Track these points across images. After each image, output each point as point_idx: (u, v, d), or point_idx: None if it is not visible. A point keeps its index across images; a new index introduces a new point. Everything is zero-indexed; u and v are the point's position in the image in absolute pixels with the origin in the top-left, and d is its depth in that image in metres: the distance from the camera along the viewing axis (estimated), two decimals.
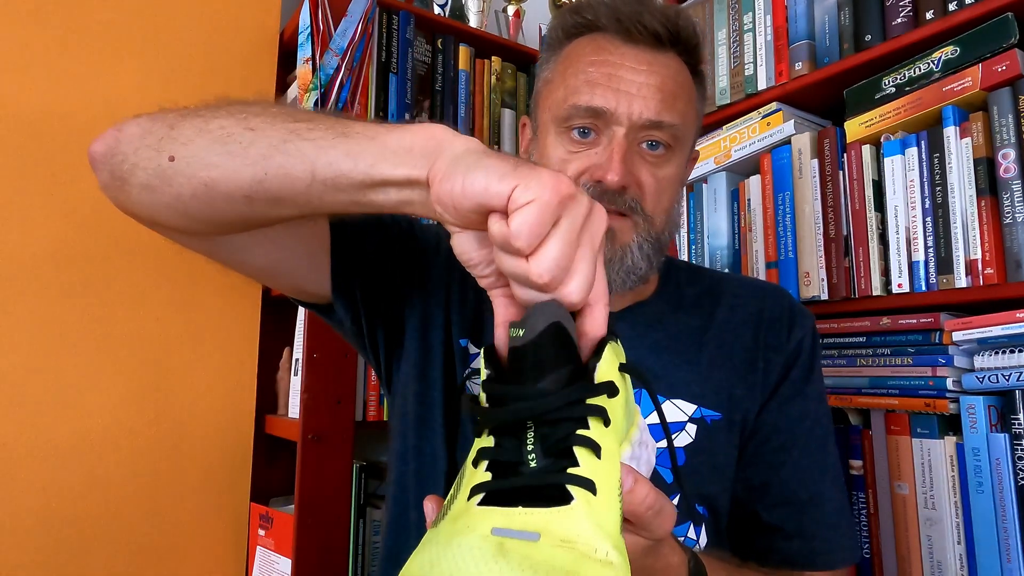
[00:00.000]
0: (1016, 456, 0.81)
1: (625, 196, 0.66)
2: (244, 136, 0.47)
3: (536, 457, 0.38)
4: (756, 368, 0.71)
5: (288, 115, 0.48)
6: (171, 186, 0.49)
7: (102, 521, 1.13)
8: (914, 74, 0.95)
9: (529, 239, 0.37)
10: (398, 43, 1.35)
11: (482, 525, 0.36)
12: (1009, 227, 0.84)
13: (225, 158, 0.47)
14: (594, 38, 0.69)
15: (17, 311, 1.09)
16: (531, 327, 0.40)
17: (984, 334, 0.85)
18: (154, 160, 0.50)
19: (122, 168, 0.52)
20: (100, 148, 0.54)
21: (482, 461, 0.40)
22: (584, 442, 0.38)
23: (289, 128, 0.47)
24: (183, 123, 0.50)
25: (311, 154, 0.45)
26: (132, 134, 0.52)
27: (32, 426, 1.09)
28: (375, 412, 1.29)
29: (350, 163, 0.44)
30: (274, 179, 0.46)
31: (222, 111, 0.50)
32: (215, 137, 0.48)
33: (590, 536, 0.35)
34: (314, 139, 0.46)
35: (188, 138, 0.49)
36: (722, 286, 0.77)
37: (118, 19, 1.21)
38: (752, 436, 0.70)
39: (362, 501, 1.23)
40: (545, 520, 0.35)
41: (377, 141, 0.44)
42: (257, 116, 0.48)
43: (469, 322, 0.71)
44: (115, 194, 0.55)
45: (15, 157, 1.11)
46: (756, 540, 0.70)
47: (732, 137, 1.17)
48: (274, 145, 0.46)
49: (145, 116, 0.53)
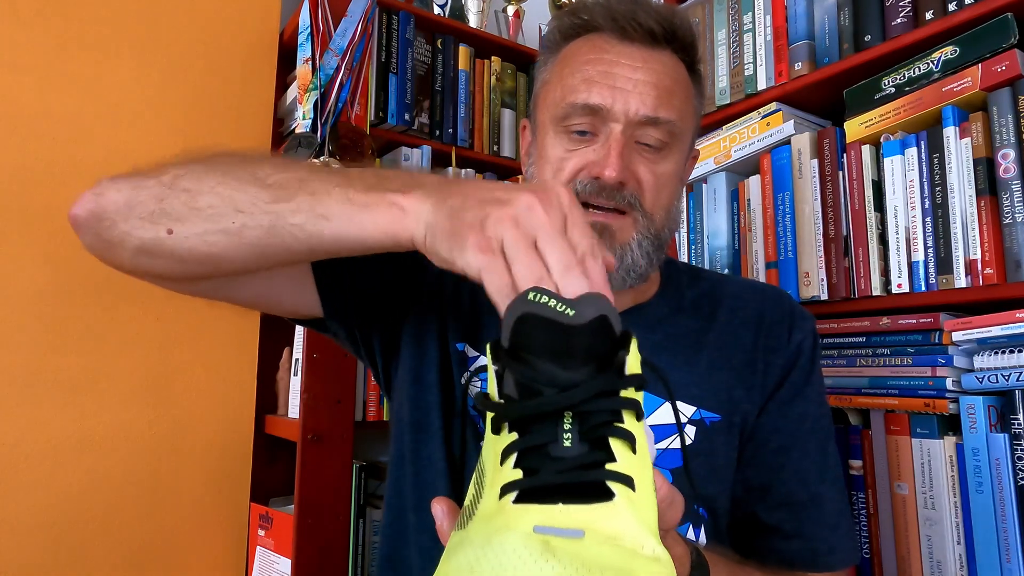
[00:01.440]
0: (1016, 456, 0.81)
1: (624, 192, 0.66)
2: (236, 219, 0.51)
3: (573, 443, 0.37)
4: (756, 370, 0.71)
5: (266, 188, 0.52)
6: (172, 253, 0.54)
7: (102, 521, 1.13)
8: (914, 74, 0.95)
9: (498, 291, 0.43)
10: (398, 43, 1.36)
11: (522, 523, 0.34)
12: (1009, 227, 0.84)
13: (223, 236, 0.52)
14: (590, 38, 0.70)
15: (17, 311, 1.09)
16: (580, 313, 0.40)
17: (984, 334, 0.84)
18: (150, 231, 0.53)
19: (111, 234, 0.55)
20: (82, 213, 0.56)
21: (509, 457, 0.38)
22: (621, 434, 0.38)
23: (273, 212, 0.51)
24: (170, 197, 0.53)
25: (303, 238, 0.51)
26: (116, 202, 0.55)
27: (32, 426, 1.09)
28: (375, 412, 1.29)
29: (340, 245, 0.51)
30: (274, 255, 0.53)
31: (204, 184, 0.53)
32: (206, 216, 0.52)
33: (636, 533, 0.34)
34: (300, 224, 0.50)
35: (180, 214, 0.53)
36: (722, 288, 0.77)
37: (118, 19, 1.21)
38: (752, 437, 0.70)
39: (362, 501, 1.23)
40: (588, 517, 0.34)
41: (355, 224, 0.49)
42: (239, 193, 0.52)
43: (465, 326, 0.71)
44: (103, 254, 0.58)
45: (14, 157, 1.11)
46: (756, 541, 0.70)
47: (732, 137, 1.17)
48: (265, 229, 0.51)
49: (123, 181, 0.56)
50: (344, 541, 1.19)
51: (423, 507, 0.68)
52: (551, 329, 0.40)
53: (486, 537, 0.34)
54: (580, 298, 0.41)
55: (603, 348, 0.40)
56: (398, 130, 1.36)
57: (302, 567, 1.13)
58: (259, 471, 1.31)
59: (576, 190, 0.67)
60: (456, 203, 0.47)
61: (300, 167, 0.54)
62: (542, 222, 0.45)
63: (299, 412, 1.16)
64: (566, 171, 0.68)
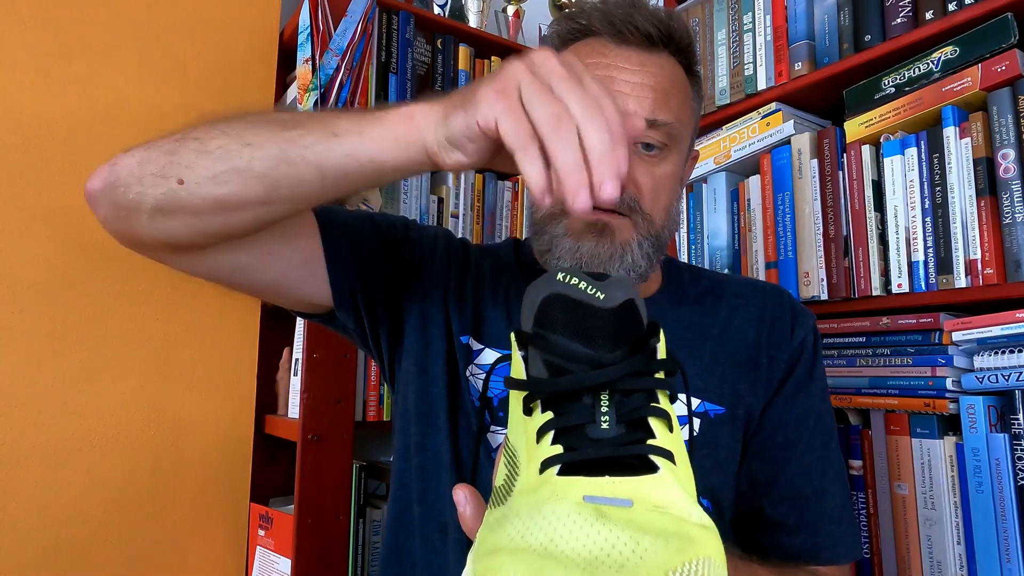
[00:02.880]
0: (1016, 456, 0.81)
1: (623, 195, 0.66)
2: (244, 152, 0.50)
3: (611, 424, 0.37)
4: (760, 365, 0.72)
5: (277, 123, 0.51)
6: (186, 207, 0.52)
7: (102, 521, 1.13)
8: (914, 74, 0.95)
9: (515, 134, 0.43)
10: (398, 43, 1.36)
11: (571, 493, 0.34)
12: (1009, 227, 0.84)
13: (233, 175, 0.51)
14: (588, 43, 0.71)
15: (17, 311, 1.09)
16: (610, 296, 0.40)
17: (984, 334, 0.85)
18: (162, 185, 0.52)
19: (127, 198, 0.54)
20: (97, 184, 0.56)
21: (547, 434, 0.37)
22: (658, 413, 0.38)
23: (284, 138, 0.50)
24: (181, 148, 0.52)
25: (314, 160, 0.50)
26: (128, 165, 0.54)
27: (32, 426, 1.09)
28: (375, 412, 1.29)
29: (354, 163, 0.49)
30: (286, 187, 0.51)
31: (215, 130, 0.52)
32: (217, 157, 0.51)
33: (682, 502, 0.34)
34: (310, 145, 0.50)
35: (191, 161, 0.52)
36: (724, 286, 0.78)
37: (118, 19, 1.21)
38: (757, 432, 0.71)
39: (362, 501, 1.23)
40: (635, 487, 0.34)
41: (366, 136, 0.49)
42: (249, 130, 0.51)
43: (469, 320, 0.71)
44: (122, 225, 0.57)
45: (15, 157, 1.11)
46: (761, 535, 0.71)
47: (732, 137, 1.17)
48: (275, 156, 0.50)
49: (136, 148, 0.55)
50: (344, 541, 1.19)
51: (428, 499, 0.68)
52: (581, 311, 0.40)
53: (534, 507, 0.34)
54: (607, 281, 0.41)
55: (633, 332, 0.40)
56: None
57: (302, 567, 1.13)
58: (259, 471, 1.31)
59: None
60: (467, 87, 0.47)
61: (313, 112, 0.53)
62: (557, 70, 0.44)
63: (299, 412, 1.16)
64: None
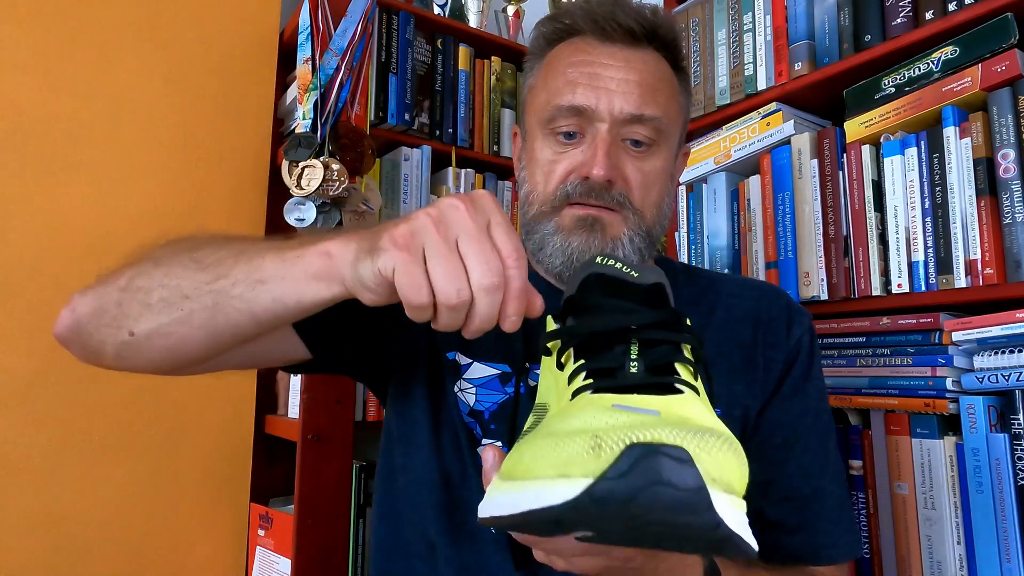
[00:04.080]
0: (1016, 456, 0.81)
1: (612, 191, 0.67)
2: (184, 305, 0.53)
3: (639, 369, 0.39)
4: (756, 366, 0.71)
5: (210, 268, 0.53)
6: (140, 352, 0.56)
7: (102, 521, 1.13)
8: (914, 74, 0.95)
9: (410, 291, 0.44)
10: (398, 43, 1.35)
11: (601, 402, 0.35)
12: (1009, 227, 0.84)
13: (176, 326, 0.54)
14: (573, 42, 0.71)
15: (17, 311, 1.09)
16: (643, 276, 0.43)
17: (984, 334, 0.84)
18: (116, 336, 0.56)
19: (91, 343, 0.58)
20: (63, 331, 0.60)
21: (579, 374, 0.39)
22: (684, 360, 0.40)
23: (216, 289, 0.52)
24: (128, 299, 0.56)
25: (245, 308, 0.52)
26: (87, 314, 0.58)
27: (32, 426, 1.09)
28: (375, 412, 1.29)
29: (281, 306, 0.51)
30: (225, 331, 0.54)
31: (157, 273, 0.55)
32: (159, 310, 0.54)
33: (705, 418, 0.36)
34: (240, 294, 0.52)
35: (138, 314, 0.55)
36: (719, 286, 0.78)
37: (118, 19, 1.21)
38: (755, 433, 0.71)
39: (362, 501, 1.23)
40: (662, 402, 0.36)
41: (289, 279, 0.51)
42: (186, 279, 0.54)
43: (455, 335, 0.71)
44: (94, 361, 0.61)
45: (15, 157, 1.11)
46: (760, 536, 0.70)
47: (732, 137, 1.17)
48: (210, 307, 0.53)
49: (90, 291, 0.58)
50: (344, 541, 1.19)
51: (414, 519, 0.68)
52: (617, 284, 0.43)
53: (565, 418, 0.35)
54: (643, 266, 0.44)
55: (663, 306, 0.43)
56: (398, 130, 1.36)
57: (302, 567, 1.13)
58: (259, 471, 1.31)
59: (567, 191, 0.68)
60: (380, 228, 0.47)
61: (241, 241, 0.55)
62: (464, 222, 0.45)
63: (299, 412, 1.16)
64: (556, 174, 0.69)
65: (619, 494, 0.29)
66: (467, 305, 0.44)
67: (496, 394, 0.69)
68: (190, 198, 1.26)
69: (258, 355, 0.66)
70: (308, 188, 1.14)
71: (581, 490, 0.29)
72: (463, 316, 0.45)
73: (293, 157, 1.15)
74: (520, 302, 0.45)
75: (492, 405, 0.68)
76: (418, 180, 1.36)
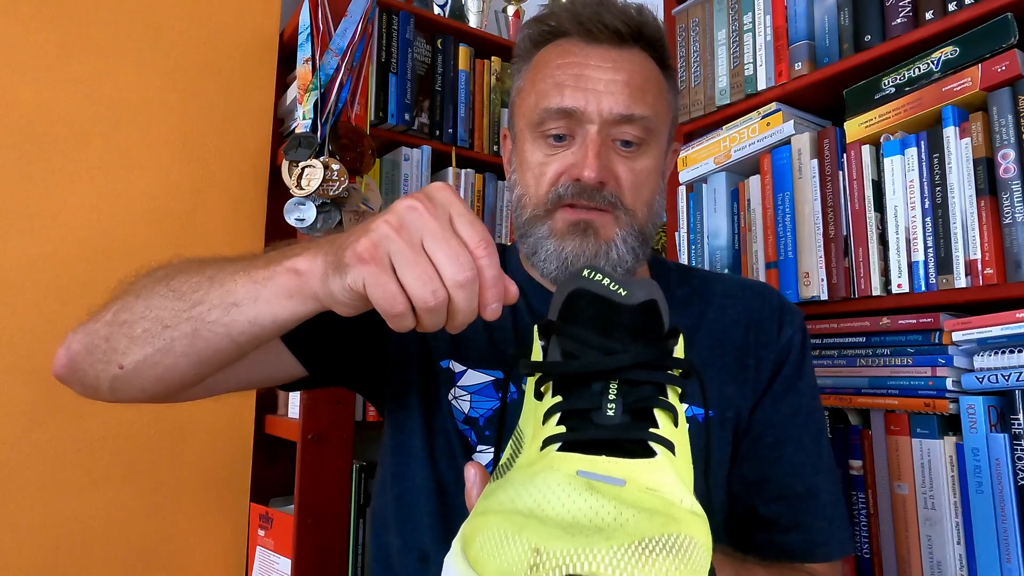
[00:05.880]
0: (1016, 456, 0.81)
1: (604, 192, 0.67)
2: (165, 335, 0.54)
3: (616, 412, 0.38)
4: (747, 366, 0.72)
5: (186, 295, 0.54)
6: (132, 384, 0.57)
7: (102, 521, 1.13)
8: (914, 74, 0.95)
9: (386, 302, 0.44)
10: (398, 43, 1.36)
11: (565, 467, 0.35)
12: (1009, 227, 0.84)
13: (160, 356, 0.55)
14: (559, 43, 0.71)
15: (17, 311, 1.09)
16: (632, 294, 0.41)
17: (984, 334, 0.84)
18: (108, 371, 0.57)
19: (87, 379, 0.60)
20: (60, 370, 0.61)
21: (553, 416, 0.39)
22: (664, 406, 0.38)
23: (193, 316, 0.53)
24: (115, 334, 0.57)
25: (223, 332, 0.53)
26: (79, 352, 0.59)
27: (32, 426, 1.09)
28: (375, 412, 1.29)
29: (258, 328, 0.52)
30: (208, 355, 0.55)
31: (139, 306, 0.56)
32: (144, 342, 0.55)
33: (674, 487, 0.35)
34: (217, 319, 0.53)
35: (124, 348, 0.56)
36: (711, 286, 0.78)
37: (118, 19, 1.21)
38: (747, 433, 0.71)
39: (362, 501, 1.23)
40: (629, 468, 0.35)
41: (261, 301, 0.51)
42: (165, 308, 0.55)
43: (447, 343, 0.72)
44: (93, 396, 0.62)
45: (15, 157, 1.11)
46: (755, 535, 0.71)
47: (732, 137, 1.17)
48: (190, 334, 0.54)
49: (82, 329, 0.60)
50: (344, 541, 1.19)
51: (408, 528, 0.68)
52: (602, 305, 0.41)
53: (528, 478, 0.35)
54: (634, 281, 0.43)
55: (651, 330, 0.41)
56: (398, 130, 1.36)
57: (302, 567, 1.13)
58: (259, 471, 1.31)
59: (559, 194, 0.68)
60: (340, 240, 0.47)
61: (213, 265, 0.56)
62: (425, 222, 0.44)
63: (299, 412, 1.16)
64: (547, 176, 0.69)
65: None
66: (445, 304, 0.44)
67: (490, 400, 0.69)
68: (190, 198, 1.26)
69: (254, 376, 0.66)
70: (308, 188, 1.14)
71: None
72: (444, 315, 0.45)
73: (293, 157, 1.15)
74: (497, 290, 0.45)
75: (487, 412, 0.68)
76: (418, 180, 1.36)
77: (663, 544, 0.30)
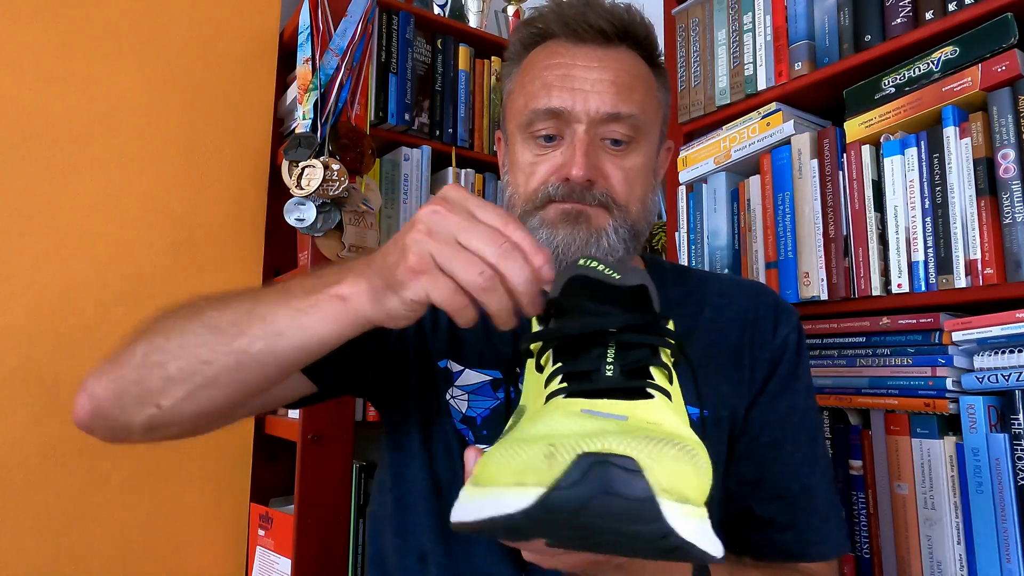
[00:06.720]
0: (1016, 456, 0.81)
1: (593, 191, 0.68)
2: (205, 370, 0.55)
3: (615, 372, 0.39)
4: (742, 365, 0.72)
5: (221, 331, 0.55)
6: (171, 421, 0.58)
7: (102, 521, 1.13)
8: (914, 74, 0.95)
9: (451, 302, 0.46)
10: (398, 43, 1.36)
11: (570, 407, 0.36)
12: (1009, 227, 0.84)
13: (202, 391, 0.55)
14: (548, 45, 0.72)
15: (17, 310, 1.09)
16: (625, 279, 0.43)
17: (984, 334, 0.84)
18: (143, 412, 0.57)
19: (116, 425, 0.59)
20: (84, 418, 0.60)
21: (555, 377, 0.40)
22: (659, 364, 0.40)
23: (235, 349, 0.54)
24: (147, 376, 0.56)
25: (269, 360, 0.54)
26: (106, 398, 0.58)
27: (32, 426, 1.09)
28: (375, 412, 1.29)
29: (304, 353, 0.54)
30: (252, 385, 0.56)
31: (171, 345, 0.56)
32: (181, 380, 0.55)
33: (674, 423, 0.36)
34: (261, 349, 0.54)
35: (161, 387, 0.56)
36: (707, 286, 0.78)
37: (118, 19, 1.21)
38: (743, 433, 0.71)
39: (362, 501, 1.23)
40: (630, 407, 0.36)
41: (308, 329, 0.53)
42: (200, 344, 0.55)
43: (444, 343, 0.72)
44: (123, 439, 0.61)
45: (15, 157, 1.11)
46: (750, 535, 0.71)
47: (732, 137, 1.17)
48: (233, 367, 0.54)
49: (104, 375, 0.59)
50: (344, 541, 1.19)
51: (408, 528, 0.69)
52: (598, 286, 0.43)
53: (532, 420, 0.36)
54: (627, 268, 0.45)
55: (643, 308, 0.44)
56: (398, 130, 1.36)
57: (302, 567, 1.13)
58: (259, 471, 1.31)
59: (548, 193, 0.69)
60: (379, 261, 0.50)
61: (243, 299, 0.57)
62: (451, 221, 0.47)
63: (299, 412, 1.16)
64: (537, 176, 0.70)
65: (570, 504, 0.29)
66: (497, 281, 0.46)
67: (488, 400, 0.69)
68: (190, 198, 1.26)
69: (268, 399, 0.67)
70: (308, 188, 1.14)
71: (534, 499, 0.30)
72: (503, 292, 0.46)
73: (293, 157, 1.15)
74: (540, 252, 0.46)
75: (484, 411, 0.69)
76: (418, 180, 1.36)
77: (670, 443, 0.32)
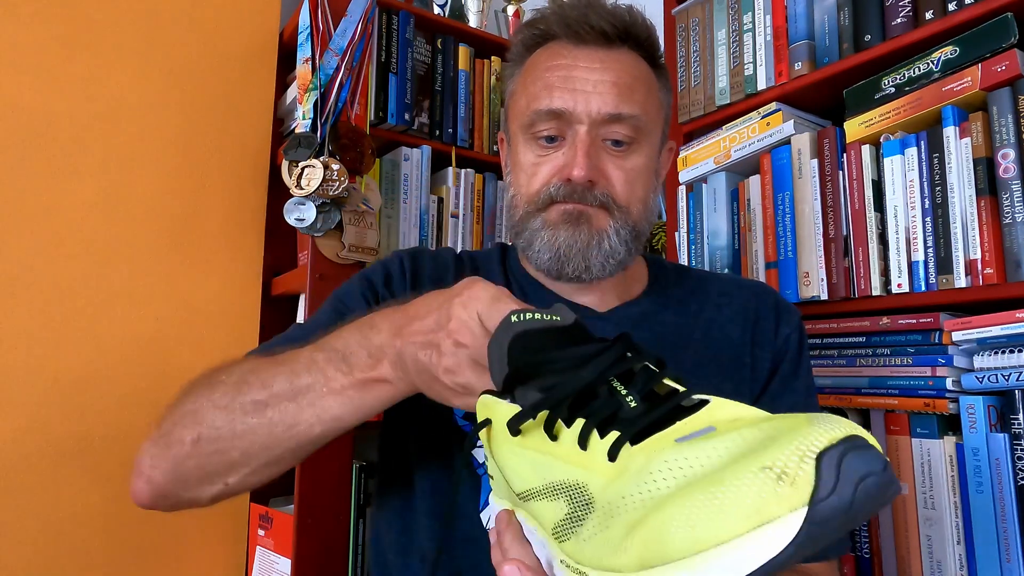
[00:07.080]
0: (1016, 456, 0.81)
1: (595, 191, 0.68)
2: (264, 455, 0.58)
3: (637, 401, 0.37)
4: (743, 364, 0.72)
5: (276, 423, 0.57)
6: (240, 490, 0.61)
7: (102, 521, 1.13)
8: (914, 74, 0.95)
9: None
10: (398, 43, 1.35)
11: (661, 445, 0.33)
12: (1009, 227, 0.84)
13: (266, 468, 0.59)
14: (549, 47, 0.72)
15: (17, 310, 1.09)
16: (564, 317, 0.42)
17: (984, 334, 0.84)
18: (211, 489, 0.61)
19: (182, 500, 0.62)
20: (146, 501, 0.62)
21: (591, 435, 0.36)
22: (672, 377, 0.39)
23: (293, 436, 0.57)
24: (206, 462, 0.59)
25: (330, 434, 0.57)
26: (167, 482, 0.60)
27: (32, 426, 1.09)
28: None
29: (357, 423, 0.58)
30: (309, 452, 0.59)
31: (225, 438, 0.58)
32: (245, 462, 0.58)
33: (745, 410, 0.35)
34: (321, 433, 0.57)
35: (225, 470, 0.59)
36: (708, 286, 0.78)
37: (118, 19, 1.21)
38: None
39: (362, 501, 1.23)
40: (707, 417, 0.34)
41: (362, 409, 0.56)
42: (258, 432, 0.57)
43: None
44: (188, 507, 0.64)
45: (15, 157, 1.11)
46: None
47: (732, 137, 1.17)
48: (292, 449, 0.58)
49: (159, 457, 0.61)
50: (344, 541, 1.19)
51: (411, 529, 0.69)
52: (547, 333, 0.41)
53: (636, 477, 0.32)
54: (552, 309, 0.43)
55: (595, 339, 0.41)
56: (398, 130, 1.36)
57: (302, 567, 1.13)
58: None
59: (550, 194, 0.69)
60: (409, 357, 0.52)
61: (281, 364, 0.58)
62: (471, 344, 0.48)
63: None
64: (538, 177, 0.70)
65: (840, 506, 0.28)
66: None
67: None
68: (190, 198, 1.26)
69: None
70: (308, 188, 1.14)
71: (801, 522, 0.27)
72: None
73: (293, 157, 1.15)
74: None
75: None
76: (418, 180, 1.36)
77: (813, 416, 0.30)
